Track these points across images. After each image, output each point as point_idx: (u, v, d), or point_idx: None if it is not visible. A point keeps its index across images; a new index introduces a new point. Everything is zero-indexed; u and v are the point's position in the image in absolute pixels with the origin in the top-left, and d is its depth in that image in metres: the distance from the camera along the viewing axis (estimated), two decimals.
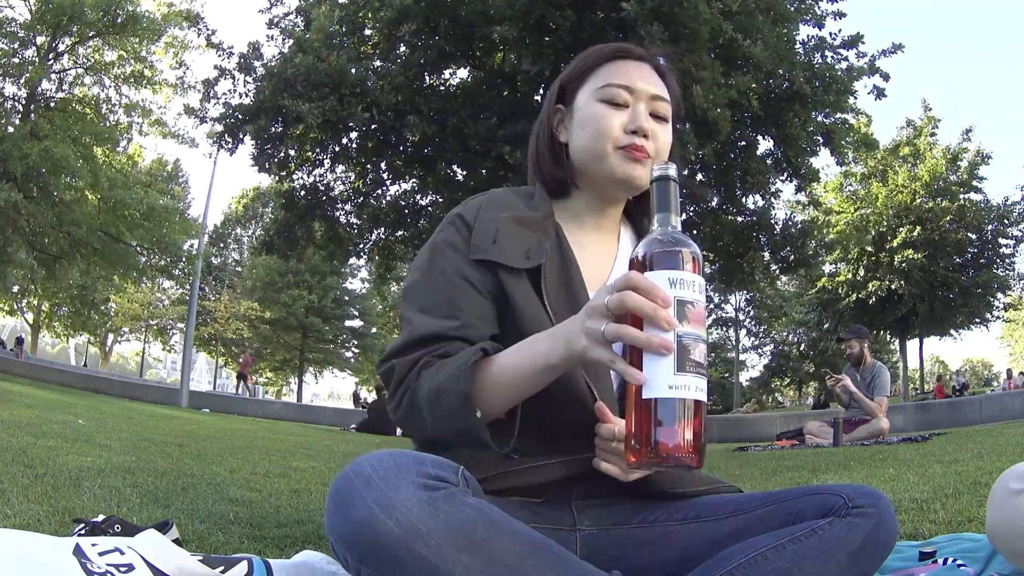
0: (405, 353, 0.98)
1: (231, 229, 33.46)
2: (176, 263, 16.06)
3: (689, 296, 0.75)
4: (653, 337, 0.73)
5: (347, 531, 0.75)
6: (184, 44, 14.37)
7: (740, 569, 0.85)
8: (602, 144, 1.06)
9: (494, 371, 0.91)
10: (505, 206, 1.08)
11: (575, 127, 1.11)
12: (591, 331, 0.80)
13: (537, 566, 0.77)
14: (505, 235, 1.03)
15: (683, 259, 0.77)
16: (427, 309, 1.01)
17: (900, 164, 20.56)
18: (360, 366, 33.24)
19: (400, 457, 0.79)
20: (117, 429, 4.79)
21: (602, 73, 1.10)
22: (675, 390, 0.73)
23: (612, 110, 1.07)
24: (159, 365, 52.38)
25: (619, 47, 1.12)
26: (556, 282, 1.04)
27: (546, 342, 0.89)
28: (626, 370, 0.76)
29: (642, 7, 5.56)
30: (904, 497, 2.13)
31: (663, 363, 0.73)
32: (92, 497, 1.97)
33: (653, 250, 0.78)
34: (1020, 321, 35.44)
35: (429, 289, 1.02)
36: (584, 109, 1.09)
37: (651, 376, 0.74)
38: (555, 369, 0.88)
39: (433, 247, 1.06)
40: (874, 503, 0.89)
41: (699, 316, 0.76)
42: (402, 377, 0.96)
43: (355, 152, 8.22)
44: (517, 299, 1.01)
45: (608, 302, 0.77)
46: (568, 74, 1.14)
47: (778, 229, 8.16)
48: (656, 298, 0.74)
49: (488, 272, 1.02)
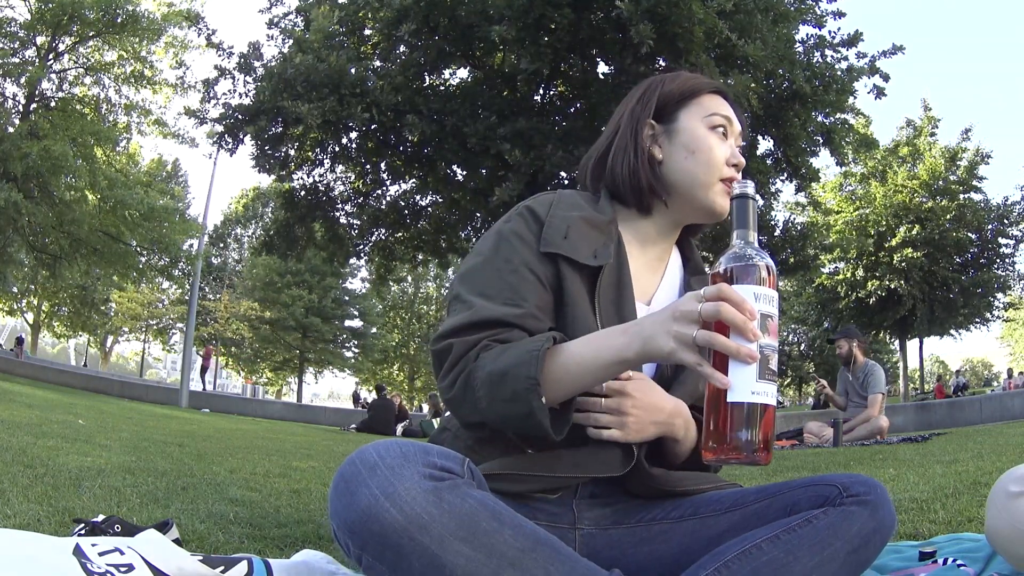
0: (465, 334, 0.97)
1: (231, 229, 33.43)
2: (176, 263, 16.03)
3: (769, 310, 0.82)
4: (742, 347, 0.79)
5: (350, 518, 0.75)
6: (184, 44, 14.36)
7: (734, 561, 0.86)
8: (711, 174, 1.10)
9: (562, 361, 0.92)
10: (575, 206, 1.10)
11: (678, 148, 1.12)
12: (680, 335, 0.83)
13: (539, 561, 0.77)
14: (576, 232, 1.05)
15: (764, 274, 0.83)
16: (489, 295, 1.01)
17: (899, 164, 20.56)
18: (360, 366, 33.25)
19: (407, 446, 0.79)
20: (117, 429, 4.80)
21: (704, 101, 1.14)
22: (757, 395, 0.80)
23: (720, 140, 1.11)
24: (159, 365, 52.35)
25: (717, 85, 1.17)
26: (610, 285, 1.06)
27: (620, 338, 0.90)
28: (713, 374, 0.81)
29: (636, 7, 5.57)
30: (904, 497, 2.13)
31: (747, 371, 0.79)
32: (92, 497, 1.97)
33: (737, 264, 0.84)
34: (1020, 321, 35.42)
35: (492, 275, 1.03)
36: (692, 132, 1.12)
37: (736, 382, 0.80)
38: (626, 364, 0.90)
39: (499, 235, 1.06)
40: (869, 491, 0.89)
41: (776, 328, 0.83)
42: (459, 357, 0.96)
43: (355, 152, 8.22)
44: (573, 293, 1.03)
45: (703, 309, 0.81)
46: (667, 95, 1.15)
47: (778, 231, 8.16)
48: (745, 310, 0.80)
49: (551, 266, 1.04)
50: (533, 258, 1.03)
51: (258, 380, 34.22)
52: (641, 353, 0.87)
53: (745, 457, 0.80)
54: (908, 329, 21.36)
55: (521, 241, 1.04)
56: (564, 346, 0.94)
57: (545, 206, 1.09)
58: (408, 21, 6.78)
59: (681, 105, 1.14)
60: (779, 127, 7.12)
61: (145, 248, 15.26)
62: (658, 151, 1.14)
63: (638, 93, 1.18)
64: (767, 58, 6.20)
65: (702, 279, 1.17)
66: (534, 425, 0.89)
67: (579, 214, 1.08)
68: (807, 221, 10.14)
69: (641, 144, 1.14)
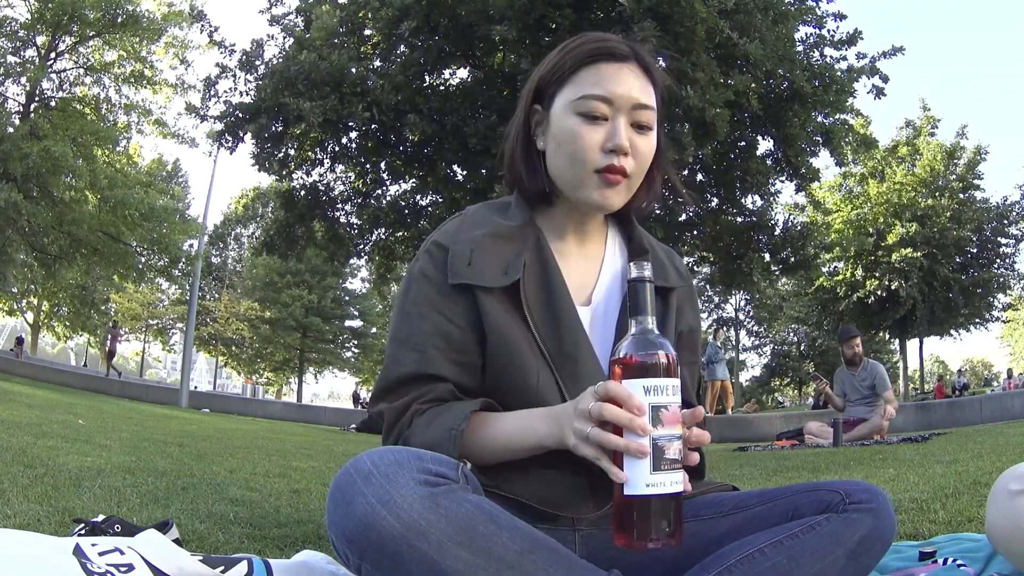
0: (392, 398, 1.00)
1: (231, 229, 33.42)
2: (176, 263, 16.04)
3: (663, 400, 0.82)
4: (631, 443, 0.80)
5: (348, 527, 0.75)
6: (184, 44, 14.38)
7: (737, 566, 0.85)
8: (578, 169, 0.99)
9: (487, 436, 0.95)
10: (480, 224, 1.05)
11: (551, 139, 1.03)
12: (578, 431, 0.85)
13: (537, 563, 0.77)
14: (481, 254, 1.00)
15: (659, 365, 0.83)
16: (400, 339, 1.02)
17: (898, 163, 20.57)
18: (360, 366, 33.23)
19: (401, 453, 0.79)
20: (117, 429, 4.80)
21: (581, 78, 1.00)
22: (652, 487, 0.80)
23: (589, 126, 0.98)
24: (159, 365, 52.34)
25: (599, 46, 1.01)
26: (537, 294, 1.01)
27: (542, 424, 0.92)
28: (609, 469, 0.82)
29: (639, 5, 5.57)
30: (904, 497, 2.13)
31: (640, 464, 0.80)
32: (92, 497, 1.97)
33: (632, 354, 0.84)
34: (1020, 321, 35.42)
35: (403, 320, 1.03)
36: (560, 122, 1.01)
37: (631, 475, 0.81)
38: (546, 449, 0.93)
39: (409, 277, 1.06)
40: (872, 498, 0.89)
41: (674, 417, 0.82)
42: (393, 423, 0.99)
43: (355, 152, 8.22)
44: (494, 319, 0.98)
45: (591, 410, 0.82)
46: (547, 73, 1.04)
47: (778, 230, 8.16)
48: (632, 407, 0.80)
49: (465, 296, 0.99)
50: (440, 296, 1.00)
51: (258, 380, 34.22)
52: (558, 443, 0.90)
53: (651, 542, 0.81)
54: (908, 329, 21.36)
55: (427, 280, 1.02)
56: (491, 420, 0.96)
57: (449, 234, 1.04)
58: (408, 20, 6.79)
59: (560, 85, 1.02)
60: (779, 127, 7.12)
61: (145, 248, 15.27)
62: (540, 141, 1.05)
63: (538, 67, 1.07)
64: (767, 57, 6.20)
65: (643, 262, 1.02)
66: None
67: (484, 231, 1.02)
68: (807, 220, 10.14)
69: (519, 133, 1.06)
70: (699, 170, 7.62)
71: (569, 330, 1.01)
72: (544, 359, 0.99)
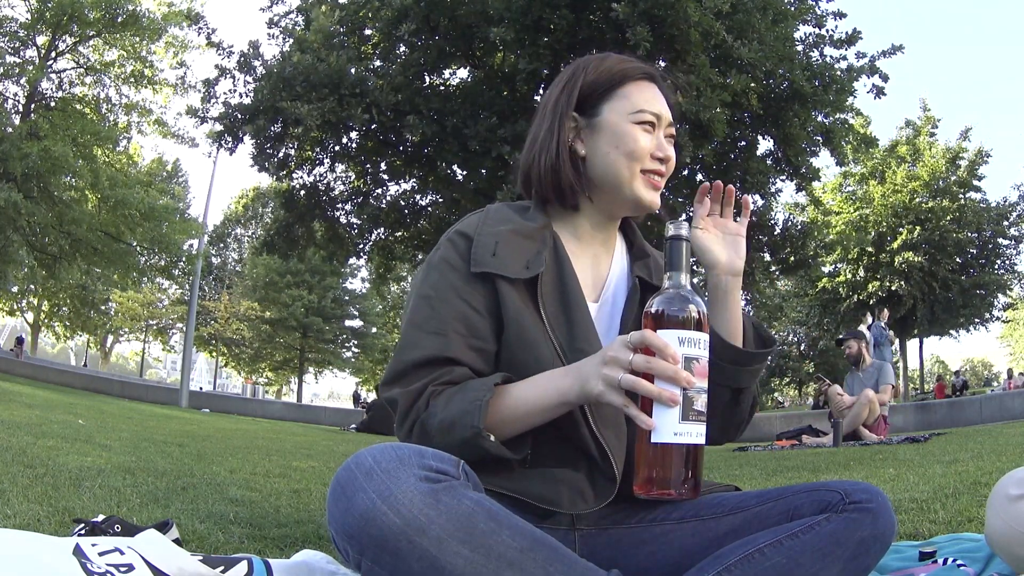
0: (406, 382, 0.99)
1: (231, 229, 33.43)
2: (176, 263, 16.04)
3: (695, 353, 0.85)
4: (664, 391, 0.83)
5: (348, 522, 0.75)
6: (184, 44, 14.37)
7: (737, 566, 0.86)
8: (634, 166, 1.07)
9: (509, 403, 0.95)
10: (503, 220, 1.09)
11: (601, 143, 1.09)
12: (608, 378, 0.87)
13: (537, 561, 0.77)
14: (505, 247, 1.04)
15: (692, 318, 0.86)
16: (419, 324, 1.02)
17: (898, 164, 20.56)
18: (360, 366, 33.23)
19: (402, 449, 0.80)
20: (117, 429, 4.80)
21: (630, 93, 1.09)
22: (679, 436, 0.83)
23: (646, 134, 1.08)
24: (159, 365, 52.36)
25: (646, 70, 1.12)
26: (553, 291, 1.05)
27: (562, 380, 0.93)
28: (638, 416, 0.84)
29: (633, 9, 5.58)
30: (904, 497, 2.13)
31: (670, 413, 0.83)
32: (92, 497, 1.96)
33: (665, 308, 0.87)
34: (1020, 321, 35.42)
35: (423, 305, 1.03)
36: (616, 127, 1.08)
37: (659, 423, 0.83)
38: (568, 405, 0.94)
39: (429, 265, 1.07)
40: (871, 499, 0.89)
41: (703, 370, 0.85)
42: (408, 407, 0.98)
43: (355, 152, 8.23)
44: (514, 310, 1.01)
45: (633, 361, 0.84)
46: (591, 85, 1.11)
47: (778, 230, 8.17)
48: (667, 356, 0.83)
49: (486, 285, 1.02)
50: (462, 283, 1.03)
51: (258, 380, 34.21)
52: (580, 395, 0.91)
53: (672, 494, 0.84)
54: (908, 329, 21.37)
55: (450, 267, 1.04)
56: (511, 388, 0.96)
57: (473, 226, 1.07)
58: (408, 21, 6.79)
59: (605, 97, 1.10)
60: (779, 127, 7.12)
61: (145, 248, 15.26)
62: (581, 147, 1.11)
63: (562, 82, 1.13)
64: (764, 59, 6.20)
65: (645, 263, 1.16)
66: (495, 457, 0.94)
67: (508, 227, 1.06)
68: (807, 219, 10.14)
69: (563, 140, 1.10)
70: (699, 170, 7.62)
71: (581, 326, 1.04)
72: (556, 352, 1.01)
